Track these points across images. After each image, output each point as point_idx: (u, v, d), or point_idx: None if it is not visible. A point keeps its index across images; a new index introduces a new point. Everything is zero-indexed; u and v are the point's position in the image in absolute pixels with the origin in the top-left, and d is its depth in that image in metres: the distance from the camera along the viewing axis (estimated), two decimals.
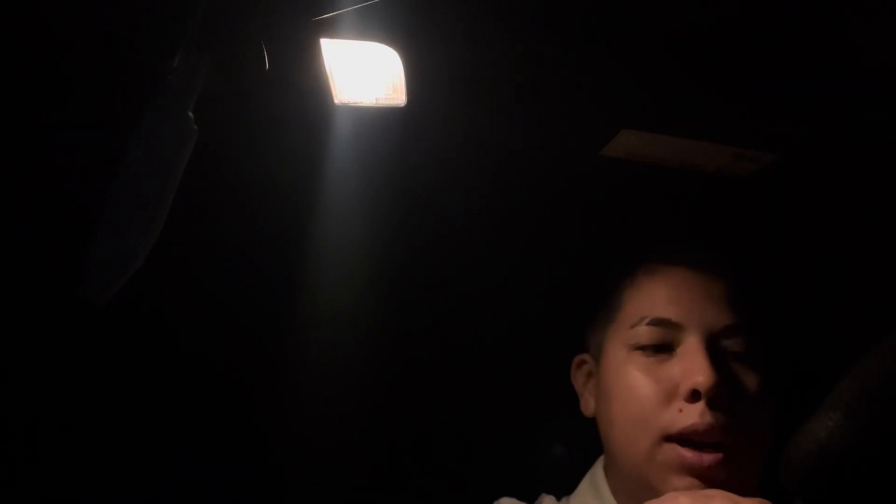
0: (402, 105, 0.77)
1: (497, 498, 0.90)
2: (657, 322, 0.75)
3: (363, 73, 0.74)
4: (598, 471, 0.84)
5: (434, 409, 1.13)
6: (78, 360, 0.98)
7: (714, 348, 0.73)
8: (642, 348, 0.75)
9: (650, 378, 0.73)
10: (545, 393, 1.01)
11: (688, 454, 0.69)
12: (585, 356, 0.87)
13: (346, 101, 0.77)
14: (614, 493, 0.80)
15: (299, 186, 0.91)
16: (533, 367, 1.04)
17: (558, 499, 0.88)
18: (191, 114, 0.67)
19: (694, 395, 0.70)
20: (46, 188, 0.82)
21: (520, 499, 0.89)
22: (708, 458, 0.69)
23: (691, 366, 0.71)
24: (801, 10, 0.65)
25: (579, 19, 0.69)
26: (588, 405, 0.85)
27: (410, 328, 1.09)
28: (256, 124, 0.83)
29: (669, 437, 0.70)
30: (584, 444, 0.89)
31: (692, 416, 0.69)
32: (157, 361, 1.03)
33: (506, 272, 1.05)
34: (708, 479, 0.69)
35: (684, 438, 0.70)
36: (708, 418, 0.69)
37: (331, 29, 0.69)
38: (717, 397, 0.69)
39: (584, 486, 0.85)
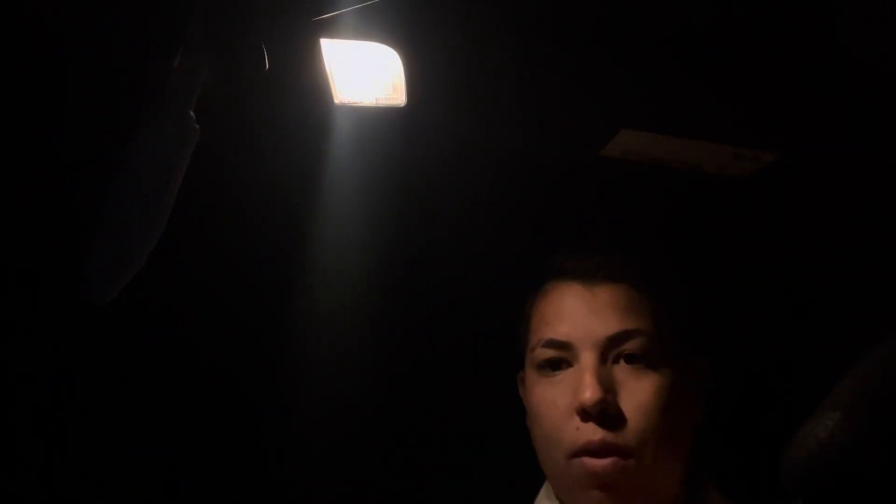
0: (402, 105, 0.77)
1: (496, 499, 0.89)
2: (549, 344, 0.76)
3: (363, 73, 0.74)
4: None
5: (434, 409, 1.13)
6: (79, 360, 0.98)
7: (605, 359, 0.74)
8: (543, 369, 0.77)
9: (551, 398, 0.75)
10: None
11: (592, 462, 0.71)
12: (523, 373, 0.86)
13: (346, 101, 0.77)
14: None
15: (299, 186, 0.91)
16: None
17: None
18: (191, 114, 0.67)
19: (584, 414, 0.71)
20: (48, 189, 0.82)
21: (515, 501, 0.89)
22: (605, 462, 0.70)
23: (578, 384, 0.73)
24: (800, 11, 0.65)
25: (579, 20, 0.69)
26: None
27: (410, 327, 1.09)
28: (256, 124, 0.83)
29: (575, 454, 0.72)
30: None
31: (587, 433, 0.71)
32: (159, 362, 1.03)
33: (505, 271, 1.04)
34: (612, 485, 0.70)
35: (588, 452, 0.71)
36: (599, 434, 0.70)
37: (331, 29, 0.69)
38: (606, 412, 0.71)
39: (542, 495, 0.85)
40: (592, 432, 0.71)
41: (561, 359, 0.76)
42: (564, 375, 0.75)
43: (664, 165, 0.86)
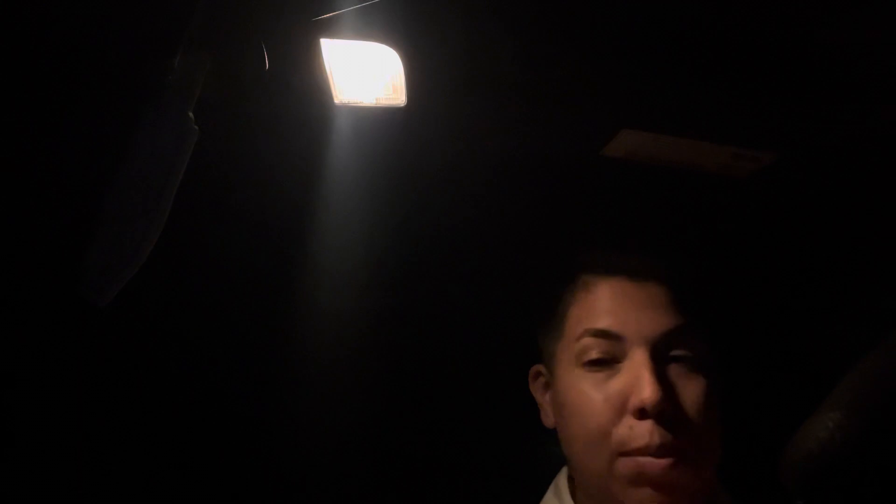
0: (402, 105, 0.77)
1: (499, 499, 0.90)
2: (598, 334, 0.74)
3: (363, 73, 0.74)
4: (562, 480, 0.84)
5: (434, 409, 1.13)
6: (78, 360, 0.98)
7: (658, 357, 0.73)
8: (588, 363, 0.75)
9: (600, 395, 0.73)
10: None
11: (645, 462, 0.70)
12: (541, 367, 0.85)
13: (346, 101, 0.77)
14: (578, 502, 0.80)
15: (299, 186, 0.91)
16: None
17: None
18: (191, 114, 0.67)
19: (641, 413, 0.70)
20: (47, 188, 0.82)
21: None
22: (663, 462, 0.70)
23: (636, 381, 0.71)
24: (800, 12, 0.65)
25: (579, 19, 0.69)
26: (548, 417, 0.83)
27: (410, 327, 1.10)
28: (256, 124, 0.83)
29: (627, 452, 0.71)
30: None
31: (643, 435, 0.70)
32: (158, 362, 1.04)
33: (505, 271, 1.05)
34: (665, 484, 0.70)
35: (644, 452, 0.70)
36: (657, 438, 0.69)
37: (331, 29, 0.69)
38: (664, 412, 0.70)
39: (548, 496, 0.85)
40: (649, 433, 0.70)
41: (609, 353, 0.74)
42: (613, 371, 0.74)
43: (664, 165, 0.86)
